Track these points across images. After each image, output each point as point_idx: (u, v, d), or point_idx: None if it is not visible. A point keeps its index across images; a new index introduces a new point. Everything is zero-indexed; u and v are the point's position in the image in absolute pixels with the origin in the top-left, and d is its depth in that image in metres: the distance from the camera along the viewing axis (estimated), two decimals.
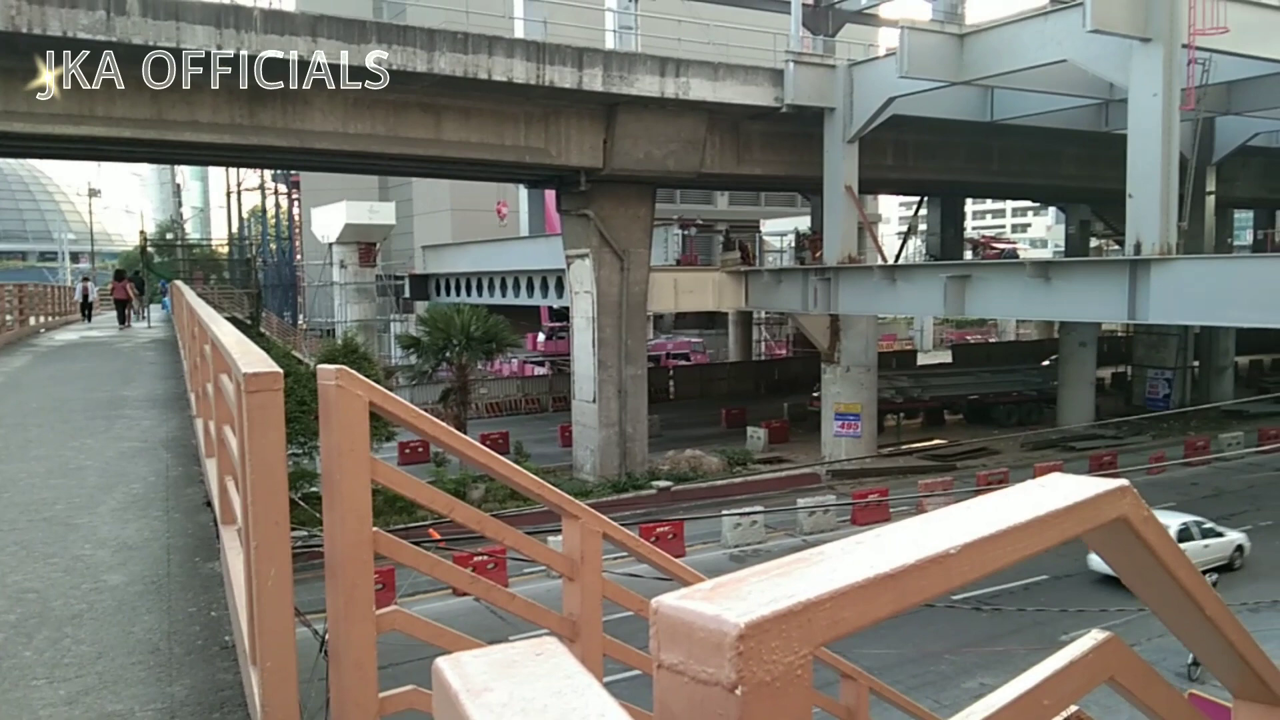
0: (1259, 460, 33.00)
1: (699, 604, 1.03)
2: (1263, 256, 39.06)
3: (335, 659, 2.98)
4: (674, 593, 1.08)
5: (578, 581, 3.88)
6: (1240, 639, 2.03)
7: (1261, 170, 44.02)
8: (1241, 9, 23.50)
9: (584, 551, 3.86)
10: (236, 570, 3.78)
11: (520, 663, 0.98)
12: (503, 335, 32.91)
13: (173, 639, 4.21)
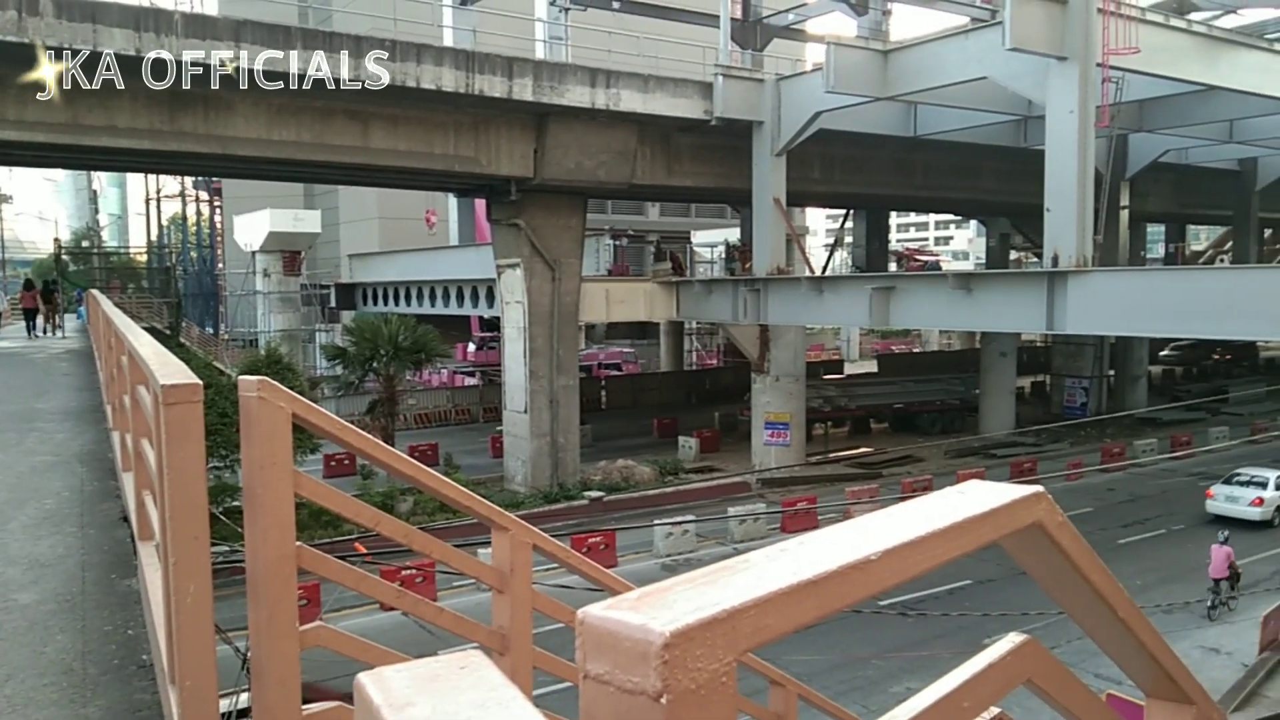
0: (1172, 466, 34.17)
1: (625, 614, 1.03)
2: (1174, 269, 40.51)
3: (258, 676, 2.92)
4: (600, 603, 1.09)
5: (507, 594, 3.85)
6: (1151, 640, 2.10)
7: (1172, 185, 45.69)
8: (1152, 31, 24.40)
9: (513, 563, 3.83)
10: (154, 587, 3.67)
11: (444, 676, 0.97)
12: (432, 345, 32.56)
13: (87, 659, 4.07)
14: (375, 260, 51.58)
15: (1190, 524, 26.91)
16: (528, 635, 3.85)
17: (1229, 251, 53.52)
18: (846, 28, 36.32)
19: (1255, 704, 16.21)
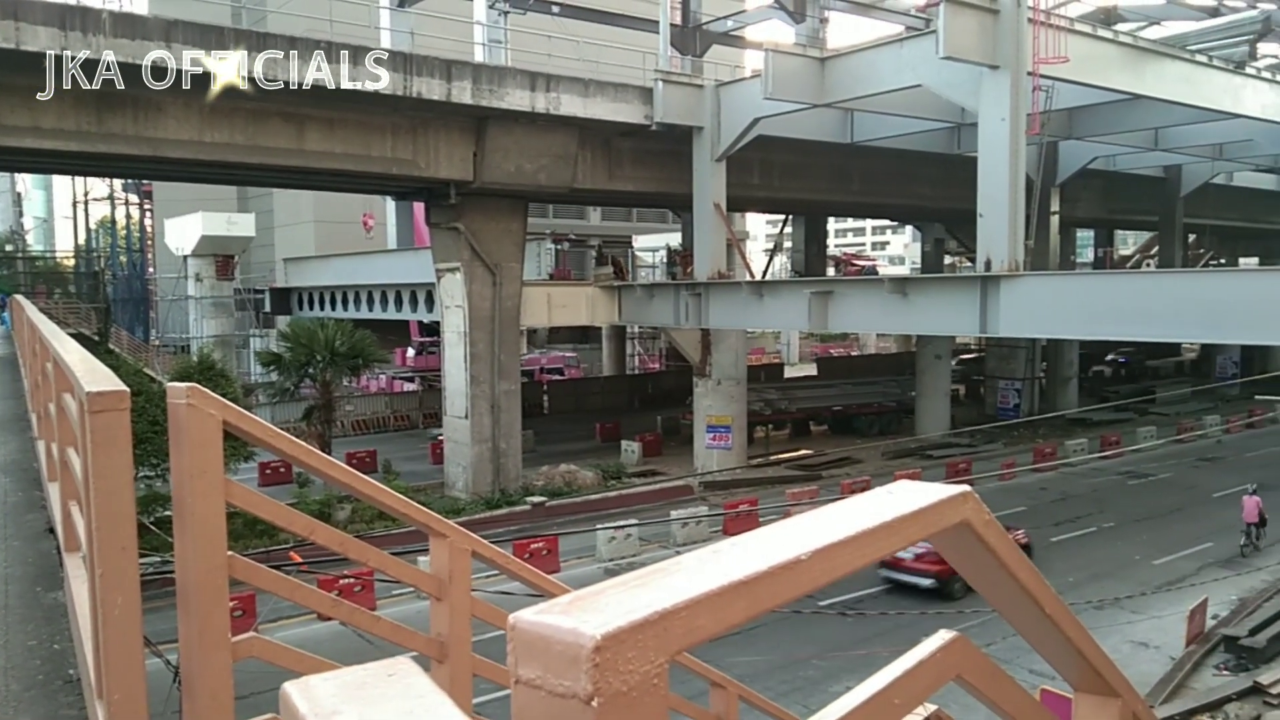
0: (1101, 465, 35.04)
1: (556, 618, 1.03)
2: (1102, 273, 41.65)
3: (189, 690, 2.86)
4: (532, 608, 1.09)
5: (446, 601, 3.82)
6: (1078, 635, 2.15)
7: (1101, 192, 46.93)
8: (1081, 41, 25.05)
9: (452, 570, 3.81)
10: (81, 600, 3.58)
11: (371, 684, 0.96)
12: (369, 350, 32.16)
13: (10, 674, 3.94)
14: (311, 264, 50.81)
15: (1121, 523, 27.62)
16: (467, 642, 3.83)
17: (1155, 256, 55.16)
18: (785, 35, 36.64)
19: (1182, 695, 16.70)
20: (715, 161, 30.58)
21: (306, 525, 3.50)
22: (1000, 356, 46.29)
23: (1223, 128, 34.76)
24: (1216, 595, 20.53)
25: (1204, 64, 29.25)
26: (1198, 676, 17.55)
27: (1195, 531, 26.60)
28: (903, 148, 35.96)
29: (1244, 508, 24.29)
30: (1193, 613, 18.71)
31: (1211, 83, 29.13)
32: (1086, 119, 34.63)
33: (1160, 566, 23.58)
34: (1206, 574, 22.56)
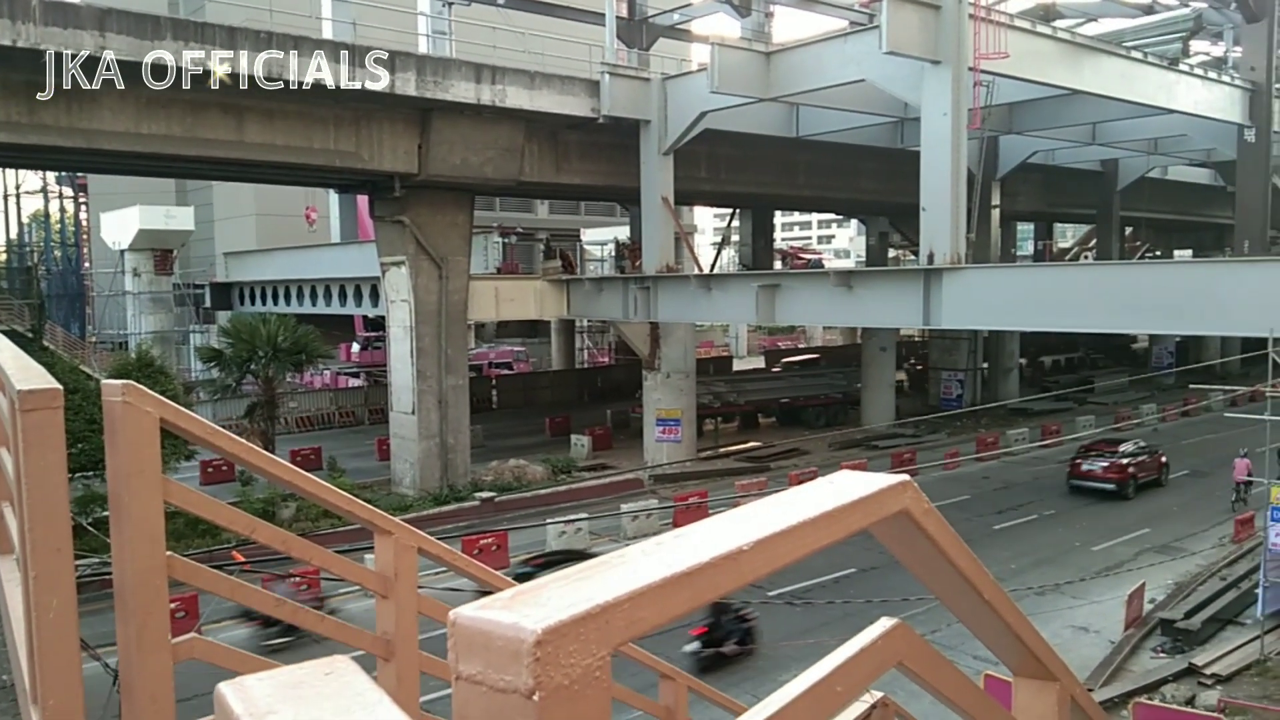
0: (1042, 454, 35.74)
1: (497, 613, 1.03)
2: (1042, 266, 42.41)
3: (128, 693, 2.81)
4: (473, 603, 1.08)
5: (392, 599, 3.79)
6: (1016, 620, 2.20)
7: (1040, 185, 47.80)
8: (1020, 37, 25.46)
9: (398, 567, 3.78)
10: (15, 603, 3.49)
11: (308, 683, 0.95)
12: (313, 346, 31.68)
13: None
14: (252, 258, 49.96)
15: (1061, 510, 28.22)
16: (414, 640, 3.80)
17: (1093, 248, 56.33)
18: (730, 29, 36.86)
19: (1121, 678, 17.14)
20: (662, 155, 30.62)
21: (248, 524, 3.46)
22: (943, 348, 47.00)
23: (1158, 123, 35.59)
24: (1154, 580, 21.09)
25: (1139, 60, 29.91)
26: (1136, 659, 18.02)
27: (1132, 517, 27.28)
28: (847, 142, 36.30)
29: (1235, 468, 26.64)
30: (1131, 597, 19.19)
31: (1147, 79, 29.80)
32: (1026, 114, 35.25)
33: (1099, 552, 24.14)
34: (1144, 559, 23.15)
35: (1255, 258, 27.55)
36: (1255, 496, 24.68)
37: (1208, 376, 45.47)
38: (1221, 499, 27.66)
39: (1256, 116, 32.21)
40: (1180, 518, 27.19)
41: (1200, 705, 15.79)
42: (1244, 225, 32.65)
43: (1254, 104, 32.23)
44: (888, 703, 3.22)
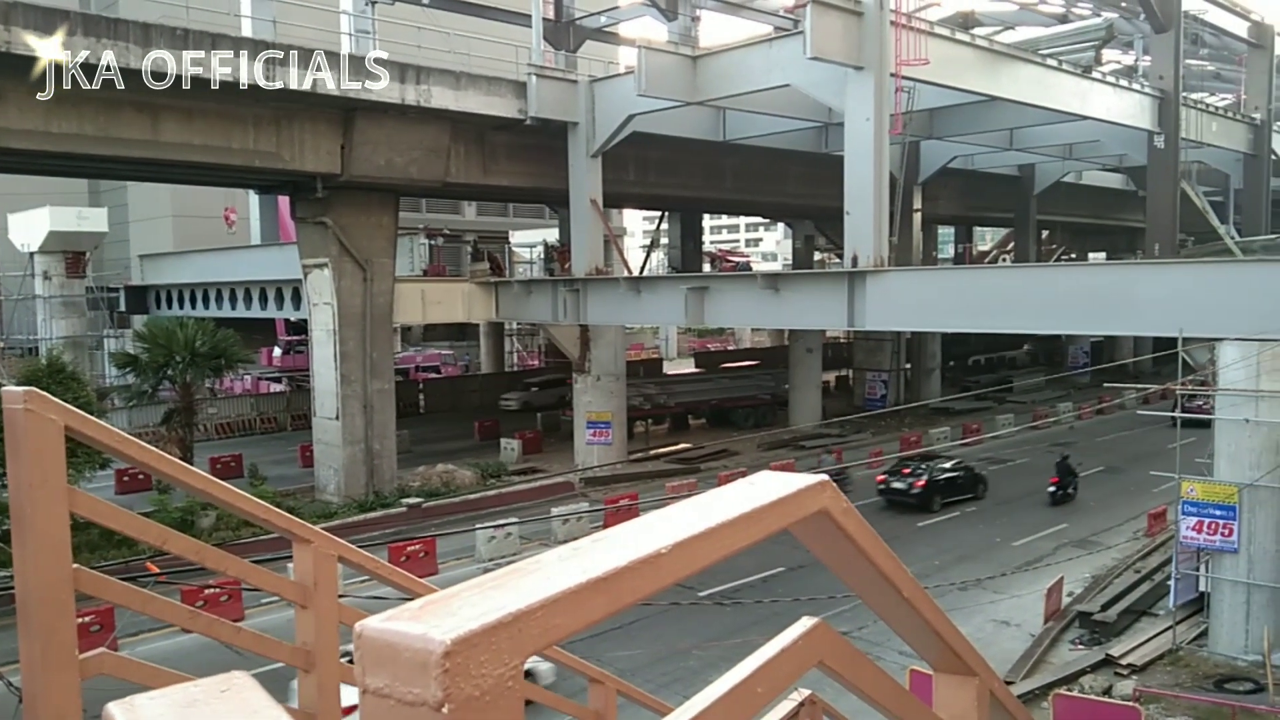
0: (963, 452, 36.50)
1: (405, 624, 0.99)
2: (962, 268, 43.46)
3: (32, 712, 2.71)
4: (380, 614, 1.05)
5: (311, 609, 3.71)
6: (935, 617, 2.22)
7: (960, 190, 48.94)
8: (940, 44, 26.02)
9: (317, 577, 3.70)
10: None
11: (203, 701, 0.90)
12: (233, 350, 30.91)
13: None
14: (169, 261, 48.63)
15: (983, 507, 28.86)
16: (334, 651, 3.72)
17: (1011, 251, 57.85)
18: (658, 32, 36.94)
19: (1041, 670, 17.59)
20: (591, 157, 30.59)
21: (159, 534, 3.36)
22: (868, 349, 47.78)
23: (1072, 129, 36.71)
24: (1072, 574, 21.70)
25: (1054, 68, 30.79)
26: (1055, 651, 18.51)
27: (1051, 513, 28.04)
28: (774, 146, 36.71)
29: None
30: (1050, 591, 19.71)
31: (1061, 86, 30.70)
32: (946, 119, 36.05)
33: (1020, 547, 24.75)
34: (1062, 554, 23.82)
35: (1165, 260, 28.56)
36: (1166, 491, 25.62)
37: (1121, 375, 47.05)
38: (1136, 494, 28.57)
39: (1165, 123, 33.41)
40: (1097, 513, 28.02)
41: (1117, 695, 16.28)
42: (1154, 229, 33.82)
43: (1163, 111, 33.44)
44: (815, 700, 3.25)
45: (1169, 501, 21.05)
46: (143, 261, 50.35)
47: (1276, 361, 16.70)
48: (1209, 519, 17.69)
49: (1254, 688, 16.25)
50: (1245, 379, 16.96)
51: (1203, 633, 18.39)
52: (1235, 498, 17.28)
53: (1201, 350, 18.70)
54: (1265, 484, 17.02)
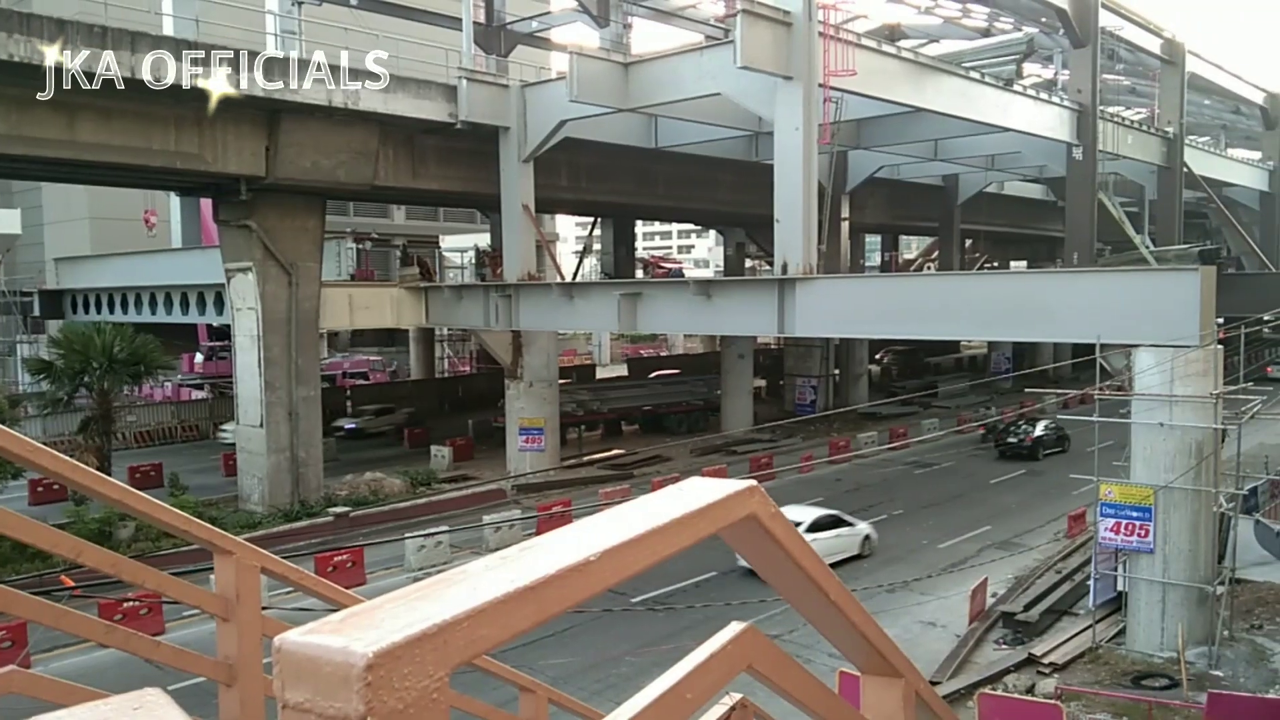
0: (891, 456, 37.18)
1: (326, 637, 0.97)
2: (888, 276, 44.27)
3: None
4: (301, 627, 1.02)
5: (233, 621, 3.62)
6: (861, 620, 2.25)
7: (886, 199, 49.83)
8: (867, 55, 26.48)
9: (239, 589, 3.61)
10: None
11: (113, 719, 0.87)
12: (152, 357, 30.04)
13: None
14: (86, 264, 47.11)
15: (909, 510, 29.37)
16: (258, 664, 3.64)
17: (936, 259, 59.04)
18: (589, 38, 36.96)
19: (966, 670, 17.94)
20: (523, 162, 30.46)
21: (73, 547, 3.26)
22: (797, 355, 48.35)
23: (994, 140, 37.66)
24: (995, 575, 22.18)
25: (977, 80, 31.55)
26: (980, 652, 18.89)
27: (975, 516, 28.66)
28: (705, 154, 36.98)
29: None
30: (974, 592, 20.13)
31: (984, 98, 31.46)
32: (873, 130, 36.69)
33: (945, 549, 25.24)
34: (986, 555, 24.35)
35: (1083, 269, 29.43)
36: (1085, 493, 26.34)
37: (1042, 381, 48.26)
38: (1057, 496, 29.32)
39: (1083, 136, 34.44)
40: (1019, 515, 28.72)
41: (1039, 693, 16.69)
42: (1073, 238, 34.83)
43: (1081, 124, 34.47)
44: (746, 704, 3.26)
45: (1088, 503, 21.64)
46: (58, 265, 48.71)
47: (1189, 367, 17.30)
48: (1126, 520, 18.23)
49: (1169, 683, 16.79)
50: (1160, 384, 17.54)
51: (1121, 631, 18.94)
52: (1151, 499, 17.85)
53: (1118, 356, 19.27)
54: (1179, 485, 17.60)
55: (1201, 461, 17.56)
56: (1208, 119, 58.33)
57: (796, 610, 2.06)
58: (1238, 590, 19.24)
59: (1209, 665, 17.33)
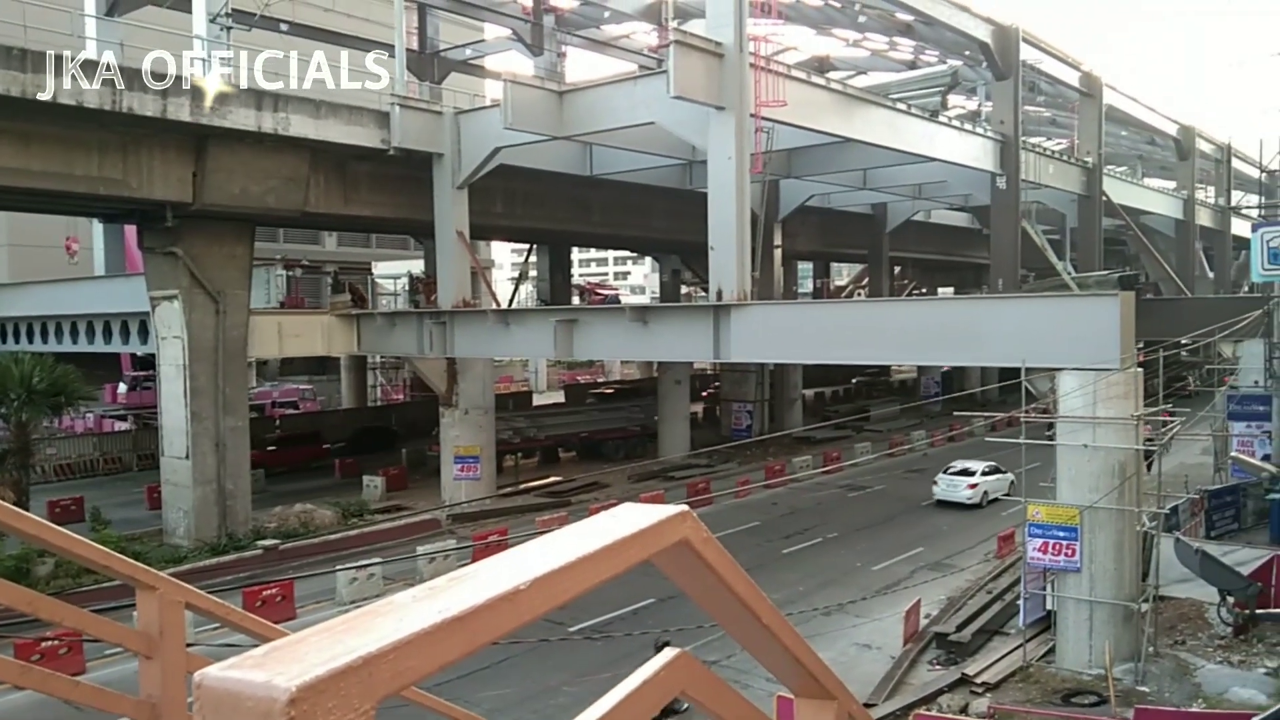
0: (825, 480, 37.53)
1: (248, 672, 0.95)
2: (820, 302, 44.92)
3: None
4: (223, 662, 1.00)
5: (157, 659, 3.51)
6: (793, 642, 2.26)
7: (818, 227, 50.64)
8: (798, 86, 26.98)
9: (163, 625, 3.50)
10: None
11: None
12: (74, 387, 29.13)
13: None
14: (4, 293, 45.54)
15: (843, 533, 29.66)
16: (183, 703, 3.53)
17: (866, 286, 60.11)
18: (524, 66, 37.11)
19: (901, 692, 18.10)
20: (457, 189, 30.35)
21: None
22: (733, 381, 48.70)
23: (921, 170, 38.55)
24: (929, 596, 22.45)
25: (904, 112, 32.32)
26: (915, 673, 19.09)
27: (908, 537, 29.03)
28: (640, 182, 37.25)
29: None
30: (908, 613, 20.35)
31: (911, 129, 32.22)
32: (804, 159, 37.33)
33: (879, 572, 25.50)
34: (919, 576, 24.64)
35: (1008, 295, 30.19)
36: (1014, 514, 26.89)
37: (970, 404, 49.34)
38: (987, 517, 29.82)
39: (1006, 165, 35.42)
40: (950, 536, 29.16)
41: (973, 713, 16.91)
42: (998, 265, 35.73)
43: (1004, 154, 35.45)
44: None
45: (1017, 524, 22.07)
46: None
47: (1111, 390, 17.81)
48: (1053, 540, 18.64)
49: (1098, 700, 17.13)
50: (1084, 406, 18.02)
51: (1051, 649, 19.29)
52: (1076, 519, 18.27)
53: (1043, 379, 19.74)
54: (1104, 505, 18.06)
55: (1124, 481, 18.05)
56: (1125, 150, 60.53)
57: (730, 634, 2.07)
58: (1161, 607, 19.74)
59: (1135, 681, 17.73)
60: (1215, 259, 59.42)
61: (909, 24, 36.46)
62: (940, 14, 32.40)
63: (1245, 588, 19.12)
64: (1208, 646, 19.27)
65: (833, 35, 44.25)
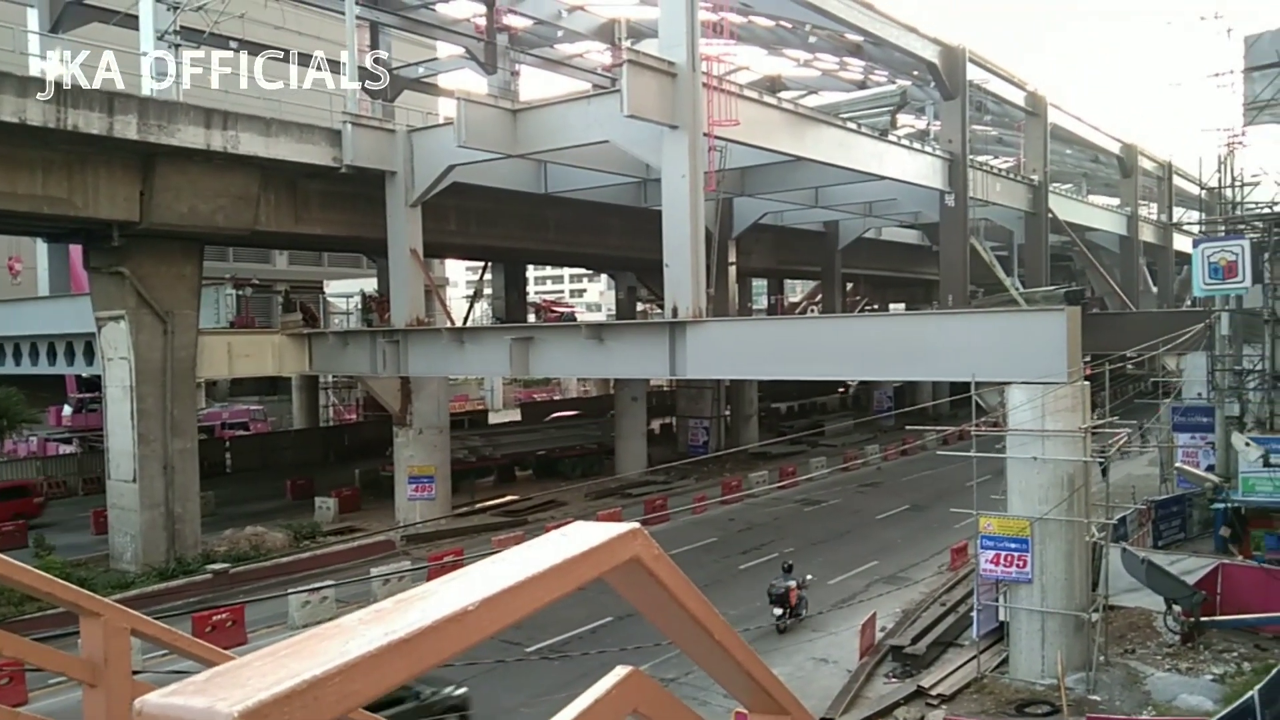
0: (781, 495, 37.70)
1: (189, 698, 0.94)
2: (774, 319, 45.29)
3: None
4: (164, 689, 0.99)
5: (101, 687, 3.43)
6: (746, 659, 2.27)
7: (771, 244, 51.06)
8: (750, 106, 27.24)
9: (108, 652, 3.43)
10: None
11: None
12: (16, 410, 28.60)
13: None
14: None
15: (799, 548, 29.78)
16: None
17: (819, 302, 60.67)
18: (477, 84, 37.07)
19: (858, 705, 18.17)
20: (410, 207, 30.17)
21: None
22: (690, 397, 48.84)
23: (872, 188, 39.08)
24: (884, 609, 22.59)
25: (854, 131, 32.76)
26: (871, 686, 19.18)
27: (863, 551, 29.22)
28: (595, 199, 37.31)
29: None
30: (864, 627, 20.47)
31: (861, 148, 32.67)
32: (757, 178, 37.66)
33: (835, 586, 25.62)
34: (874, 590, 24.79)
35: (958, 310, 30.63)
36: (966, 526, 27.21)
37: (922, 418, 49.89)
38: (940, 530, 30.13)
39: (954, 183, 36.04)
40: (904, 549, 29.41)
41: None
42: (948, 281, 36.28)
43: (952, 172, 36.08)
44: None
45: (969, 536, 22.29)
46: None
47: (1059, 403, 18.11)
48: (1005, 552, 18.86)
49: (1051, 710, 17.34)
50: (1032, 419, 18.30)
51: (1004, 660, 19.50)
52: (1027, 531, 18.52)
53: (993, 393, 20.03)
54: (1053, 517, 18.33)
55: (1073, 493, 18.33)
56: (1070, 167, 61.89)
57: (683, 651, 2.07)
58: (1111, 616, 20.05)
59: (1087, 690, 17.97)
60: (1159, 274, 60.85)
61: (859, 44, 37.07)
62: (889, 35, 32.95)
63: (1190, 596, 19.48)
64: (1156, 655, 19.60)
65: (784, 55, 44.83)
